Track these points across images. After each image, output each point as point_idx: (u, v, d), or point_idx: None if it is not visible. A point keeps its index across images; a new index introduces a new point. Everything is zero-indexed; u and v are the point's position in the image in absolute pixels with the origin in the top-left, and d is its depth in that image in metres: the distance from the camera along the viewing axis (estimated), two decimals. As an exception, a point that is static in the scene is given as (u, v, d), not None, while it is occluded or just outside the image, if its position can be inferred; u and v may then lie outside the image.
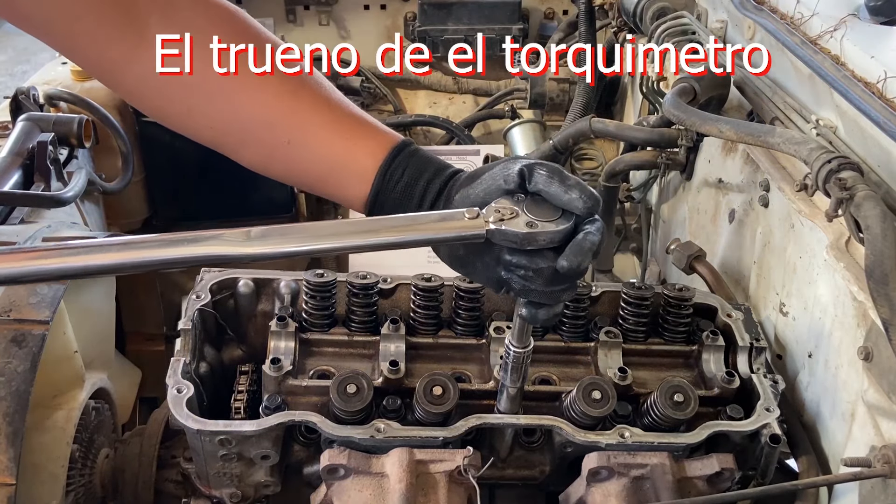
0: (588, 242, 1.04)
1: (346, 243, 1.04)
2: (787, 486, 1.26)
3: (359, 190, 1.20)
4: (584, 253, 1.04)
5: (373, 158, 1.19)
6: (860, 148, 1.39)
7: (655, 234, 2.44)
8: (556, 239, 1.05)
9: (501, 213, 1.05)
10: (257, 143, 1.22)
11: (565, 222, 1.05)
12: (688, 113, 1.63)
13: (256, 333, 1.50)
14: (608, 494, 1.30)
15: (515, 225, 1.04)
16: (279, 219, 2.79)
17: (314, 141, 1.20)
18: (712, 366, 1.44)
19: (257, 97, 1.18)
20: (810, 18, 1.65)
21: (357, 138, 1.21)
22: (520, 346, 1.21)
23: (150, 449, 1.60)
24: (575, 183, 1.05)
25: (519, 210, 1.06)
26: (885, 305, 1.09)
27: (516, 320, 1.17)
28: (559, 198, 1.05)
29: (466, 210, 1.06)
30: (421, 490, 1.26)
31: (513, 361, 1.23)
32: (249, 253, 0.99)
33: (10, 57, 7.22)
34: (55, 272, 0.96)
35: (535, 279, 1.07)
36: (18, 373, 1.34)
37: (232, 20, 1.19)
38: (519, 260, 1.06)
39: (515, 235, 1.04)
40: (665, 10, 2.12)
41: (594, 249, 1.05)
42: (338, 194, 1.24)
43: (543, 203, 1.06)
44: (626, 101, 2.87)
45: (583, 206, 1.04)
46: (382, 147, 1.20)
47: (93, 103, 2.27)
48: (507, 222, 1.04)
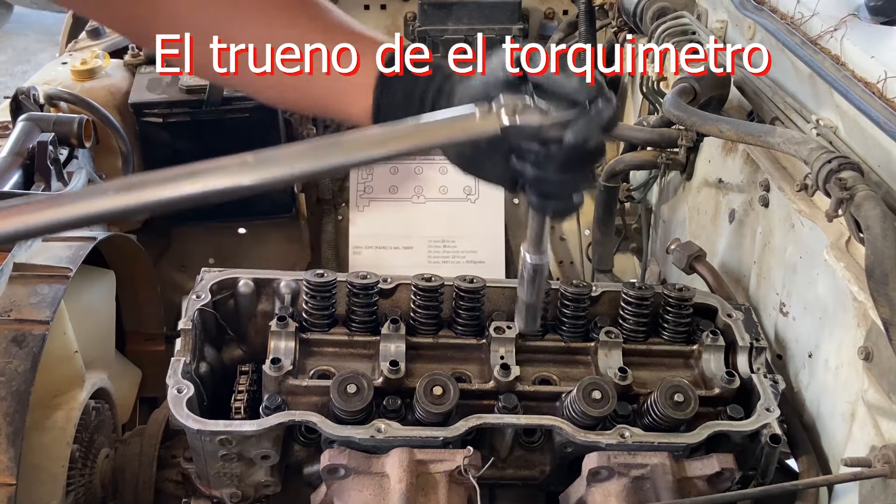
0: (598, 118, 1.00)
1: (358, 157, 1.00)
2: (787, 486, 1.26)
3: (362, 102, 1.19)
4: (593, 128, 1.00)
5: (370, 68, 1.19)
6: (860, 148, 1.39)
7: (655, 234, 2.44)
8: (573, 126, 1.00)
9: (513, 107, 1.00)
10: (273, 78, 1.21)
11: (576, 105, 1.00)
12: (688, 113, 1.63)
13: (256, 333, 1.50)
14: (608, 494, 1.30)
15: (529, 118, 1.00)
16: (279, 219, 2.80)
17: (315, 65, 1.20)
18: (712, 366, 1.44)
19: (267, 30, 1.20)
20: (810, 18, 1.65)
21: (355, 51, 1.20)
22: (535, 254, 1.15)
23: (151, 449, 1.60)
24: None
25: (529, 101, 1.01)
26: (886, 305, 1.09)
27: (530, 224, 1.12)
28: (563, 88, 1.01)
29: (477, 107, 1.01)
30: (421, 490, 1.26)
31: (528, 273, 1.17)
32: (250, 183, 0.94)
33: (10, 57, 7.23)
34: (54, 224, 0.91)
35: (547, 165, 1.03)
36: (18, 373, 1.34)
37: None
38: (530, 146, 1.02)
39: (531, 129, 1.00)
40: (665, 10, 2.12)
41: (602, 124, 1.01)
42: (343, 111, 1.24)
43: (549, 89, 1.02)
44: (626, 101, 2.87)
45: (586, 95, 1.01)
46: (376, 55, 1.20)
47: (93, 103, 2.27)
48: (521, 115, 1.00)
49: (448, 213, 2.65)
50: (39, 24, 7.50)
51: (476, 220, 2.80)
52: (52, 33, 6.28)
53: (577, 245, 2.86)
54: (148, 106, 2.43)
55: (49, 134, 2.02)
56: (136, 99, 2.43)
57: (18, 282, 1.46)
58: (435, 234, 2.78)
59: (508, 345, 1.41)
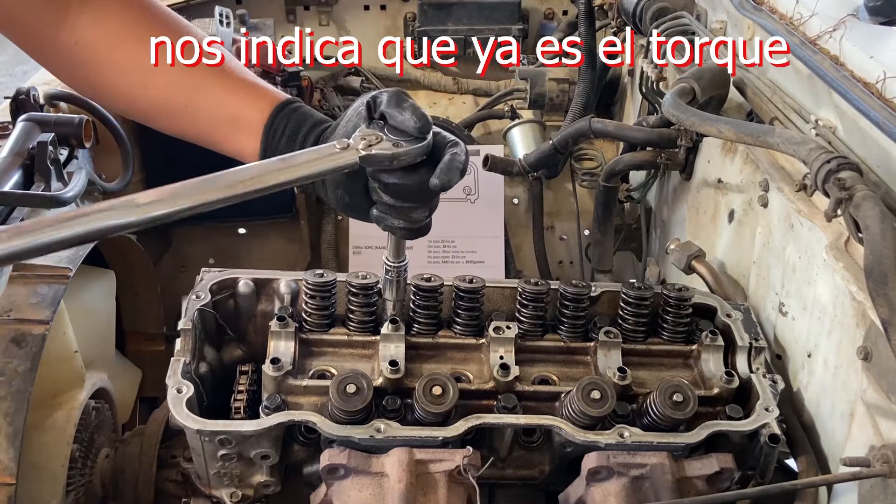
0: (457, 162, 1.19)
1: (227, 193, 1.11)
2: (786, 486, 1.26)
3: (250, 144, 1.33)
4: (454, 171, 1.19)
5: (261, 114, 1.33)
6: (859, 148, 1.39)
7: (655, 234, 2.44)
8: (420, 155, 1.18)
9: (368, 140, 1.17)
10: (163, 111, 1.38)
11: (423, 140, 1.18)
12: (687, 113, 1.63)
13: (256, 333, 1.50)
14: (608, 494, 1.30)
15: (382, 148, 1.17)
16: (279, 219, 2.80)
17: (208, 102, 1.35)
18: (711, 366, 1.45)
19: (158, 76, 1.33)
20: (809, 19, 1.65)
21: (247, 97, 1.35)
22: (394, 259, 1.37)
23: (150, 449, 1.60)
24: (409, 105, 1.20)
25: (382, 135, 1.18)
26: (884, 305, 1.09)
27: (389, 238, 1.33)
28: (396, 118, 1.19)
29: (337, 142, 1.18)
30: (421, 490, 1.26)
31: (391, 274, 1.38)
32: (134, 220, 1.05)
33: (11, 57, 7.22)
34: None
35: (398, 193, 1.22)
36: (18, 373, 1.34)
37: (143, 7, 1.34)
38: (390, 179, 1.20)
39: (384, 157, 1.16)
40: (665, 10, 2.12)
41: (460, 168, 1.19)
42: (234, 149, 1.36)
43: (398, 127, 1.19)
44: (626, 101, 2.87)
45: (414, 125, 1.18)
46: (269, 104, 1.34)
47: (93, 103, 2.27)
48: (375, 146, 1.17)
49: (448, 213, 2.63)
50: (39, 25, 7.49)
51: (476, 220, 2.80)
52: (52, 33, 6.27)
53: (577, 245, 2.86)
54: (148, 106, 2.42)
55: (49, 134, 2.02)
56: (135, 99, 2.43)
57: (18, 282, 1.46)
58: (434, 234, 2.77)
59: (508, 345, 1.42)
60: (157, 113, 1.39)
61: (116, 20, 1.32)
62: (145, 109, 1.39)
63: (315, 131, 1.32)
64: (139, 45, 1.31)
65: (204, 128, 1.37)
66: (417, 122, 1.18)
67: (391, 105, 1.20)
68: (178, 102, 1.35)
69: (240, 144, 1.35)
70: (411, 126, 1.18)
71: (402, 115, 1.18)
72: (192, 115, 1.36)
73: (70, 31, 1.30)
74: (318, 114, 1.36)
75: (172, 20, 1.37)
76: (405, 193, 1.22)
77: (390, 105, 1.20)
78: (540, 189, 2.77)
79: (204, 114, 1.35)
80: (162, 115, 1.39)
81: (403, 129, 1.19)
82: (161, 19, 1.35)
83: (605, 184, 2.18)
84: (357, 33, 3.09)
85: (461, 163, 1.19)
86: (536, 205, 2.77)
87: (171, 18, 1.37)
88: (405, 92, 1.23)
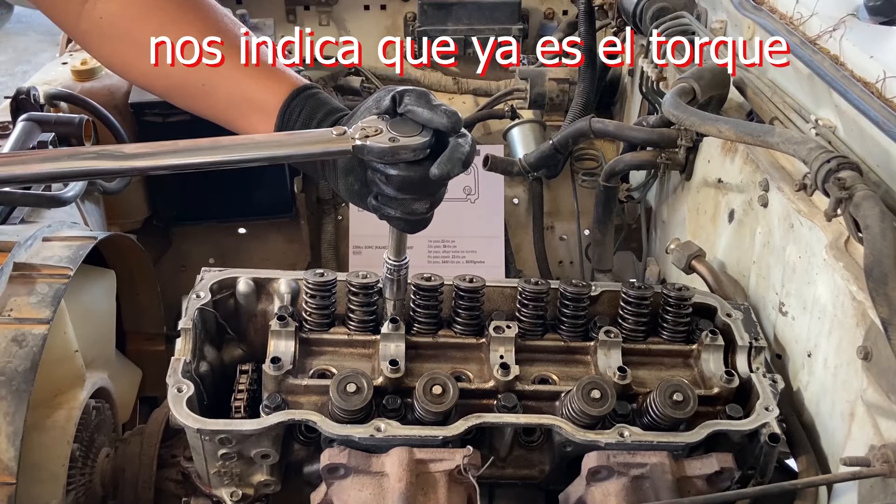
0: (459, 152, 1.17)
1: (212, 158, 1.14)
2: (786, 486, 1.26)
3: (264, 126, 1.33)
4: (455, 161, 1.17)
5: (276, 97, 1.33)
6: (859, 148, 1.39)
7: (655, 234, 2.44)
8: (417, 151, 1.17)
9: (367, 131, 1.18)
10: (180, 89, 1.40)
11: (424, 137, 1.18)
12: (687, 113, 1.63)
13: (256, 333, 1.50)
14: (608, 493, 1.30)
15: (379, 140, 1.17)
16: (279, 219, 2.80)
17: (225, 82, 1.36)
18: (711, 365, 1.45)
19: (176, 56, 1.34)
20: (809, 18, 1.65)
21: (264, 80, 1.35)
22: (395, 257, 1.36)
23: (151, 448, 1.60)
24: (439, 104, 1.19)
25: (383, 128, 1.18)
26: (884, 305, 1.09)
27: (390, 234, 1.32)
28: (424, 116, 1.17)
29: (335, 128, 1.20)
30: (421, 489, 1.26)
31: (391, 273, 1.38)
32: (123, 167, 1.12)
33: (11, 57, 7.23)
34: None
35: (394, 184, 1.21)
36: (18, 372, 1.34)
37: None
38: (379, 166, 1.19)
39: (380, 149, 1.16)
40: (665, 9, 2.12)
41: (464, 159, 1.18)
42: (249, 131, 1.37)
43: (406, 122, 1.19)
44: (626, 101, 2.87)
45: (446, 121, 1.17)
46: (286, 88, 1.34)
47: (93, 103, 2.27)
48: (372, 138, 1.17)
49: (448, 213, 2.64)
50: (40, 24, 7.50)
51: (476, 220, 2.80)
52: (52, 33, 6.29)
53: (577, 245, 2.86)
54: (148, 106, 2.43)
55: (49, 134, 2.03)
56: (136, 99, 2.43)
57: (18, 281, 1.46)
58: (435, 234, 2.78)
59: (508, 344, 1.42)
60: (174, 89, 1.41)
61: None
62: (165, 86, 1.42)
63: (330, 118, 1.31)
64: (160, 24, 1.33)
65: (221, 107, 1.38)
66: (451, 119, 1.17)
67: (420, 103, 1.18)
68: (194, 80, 1.36)
69: (254, 126, 1.35)
70: (444, 123, 1.17)
71: (433, 112, 1.17)
72: (208, 95, 1.37)
73: (94, 3, 1.35)
74: (335, 101, 1.35)
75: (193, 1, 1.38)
76: (406, 185, 1.21)
77: (418, 104, 1.18)
78: (540, 189, 2.77)
79: (222, 93, 1.36)
80: (177, 91, 1.40)
81: (431, 127, 1.18)
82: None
83: (605, 184, 2.18)
84: (357, 33, 3.10)
85: (464, 154, 1.18)
86: (536, 205, 2.77)
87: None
88: (428, 92, 1.22)
